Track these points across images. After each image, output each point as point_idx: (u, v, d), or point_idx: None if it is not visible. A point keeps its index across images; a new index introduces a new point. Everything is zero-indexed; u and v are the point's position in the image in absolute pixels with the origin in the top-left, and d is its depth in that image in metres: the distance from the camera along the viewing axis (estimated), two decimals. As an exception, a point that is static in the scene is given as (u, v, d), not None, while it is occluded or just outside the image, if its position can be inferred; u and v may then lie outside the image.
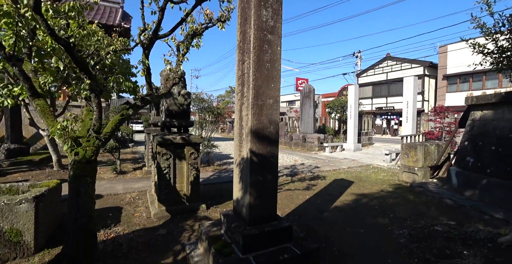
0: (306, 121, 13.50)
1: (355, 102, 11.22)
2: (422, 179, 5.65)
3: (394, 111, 24.17)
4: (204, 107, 7.21)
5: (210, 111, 7.19)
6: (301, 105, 13.97)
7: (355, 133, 11.25)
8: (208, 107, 7.18)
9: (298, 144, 12.91)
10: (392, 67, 24.27)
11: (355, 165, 8.01)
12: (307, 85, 13.56)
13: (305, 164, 8.15)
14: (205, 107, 7.20)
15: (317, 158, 9.46)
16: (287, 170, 7.06)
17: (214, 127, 7.84)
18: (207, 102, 7.13)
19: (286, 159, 9.36)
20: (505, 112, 4.18)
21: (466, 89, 18.76)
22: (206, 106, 7.20)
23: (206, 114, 7.24)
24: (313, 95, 13.16)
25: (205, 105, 7.14)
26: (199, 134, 7.30)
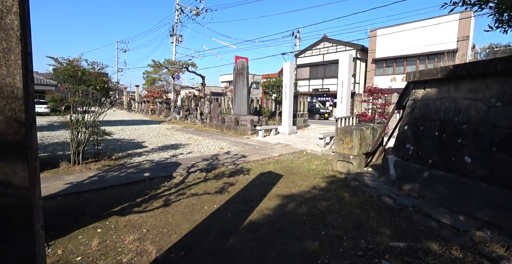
0: (240, 102, 12.13)
1: (290, 81, 10.25)
2: (357, 168, 4.89)
3: (329, 93, 24.80)
4: (82, 80, 5.03)
5: (91, 85, 5.06)
6: (234, 84, 12.47)
7: (290, 114, 10.40)
8: (84, 79, 5.03)
9: (230, 127, 11.54)
10: (328, 49, 24.47)
11: (287, 152, 7.04)
12: (240, 61, 12.03)
13: (230, 153, 6.82)
14: (82, 79, 5.03)
15: (248, 144, 8.25)
16: (204, 163, 5.60)
17: (105, 108, 5.75)
18: (84, 71, 4.96)
19: (211, 146, 7.88)
20: (450, 90, 3.43)
21: (391, 73, 20.01)
22: (83, 79, 5.03)
23: (87, 89, 5.09)
24: (246, 72, 11.73)
25: (81, 76, 4.97)
26: (75, 118, 5.16)
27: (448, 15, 16.48)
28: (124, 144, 8.06)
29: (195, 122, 16.61)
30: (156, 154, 6.58)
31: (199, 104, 18.16)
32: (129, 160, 5.85)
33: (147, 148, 7.35)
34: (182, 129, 12.79)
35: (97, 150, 5.74)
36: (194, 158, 6.12)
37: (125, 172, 4.74)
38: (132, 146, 7.72)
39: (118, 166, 5.30)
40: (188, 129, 12.63)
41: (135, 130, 11.86)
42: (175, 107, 21.19)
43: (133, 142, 8.41)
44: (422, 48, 17.89)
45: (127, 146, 7.62)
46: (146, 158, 6.08)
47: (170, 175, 4.65)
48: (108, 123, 15.05)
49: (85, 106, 5.38)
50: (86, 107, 5.42)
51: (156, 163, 5.52)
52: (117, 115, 24.85)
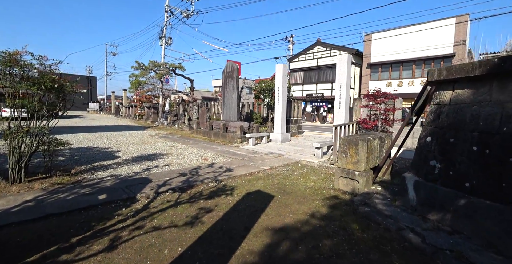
0: (229, 107, 11.24)
1: (283, 85, 9.44)
2: (364, 187, 4.02)
3: (324, 98, 24.18)
4: (23, 77, 4.07)
5: (36, 84, 4.10)
6: (223, 88, 11.59)
7: (283, 120, 9.55)
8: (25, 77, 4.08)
9: (219, 134, 10.61)
10: (322, 53, 23.96)
11: (280, 164, 6.15)
12: (230, 63, 11.19)
13: (214, 165, 5.88)
14: (24, 77, 4.07)
15: (236, 154, 7.33)
16: (181, 179, 4.64)
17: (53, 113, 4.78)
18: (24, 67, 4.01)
19: (194, 156, 6.92)
20: (493, 91, 2.62)
21: (387, 78, 19.51)
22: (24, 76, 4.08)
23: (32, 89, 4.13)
24: (236, 75, 10.89)
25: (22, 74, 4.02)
26: (15, 125, 4.18)
27: (444, 19, 16.12)
28: (94, 153, 7.04)
29: (182, 128, 15.62)
30: (126, 166, 5.59)
31: (188, 109, 17.20)
32: (90, 175, 4.85)
33: (119, 159, 6.35)
34: (166, 136, 11.79)
35: (48, 163, 4.71)
36: (170, 172, 5.16)
37: (76, 194, 3.75)
38: (102, 156, 6.70)
39: (72, 183, 4.31)
40: (173, 136, 11.64)
41: (113, 137, 10.80)
42: (163, 112, 20.15)
43: (106, 152, 7.39)
44: (418, 52, 17.46)
45: (96, 157, 6.59)
46: (113, 172, 5.09)
47: (132, 197, 3.69)
48: (87, 129, 13.95)
49: (35, 111, 4.39)
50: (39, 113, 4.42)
51: (121, 180, 4.54)
52: (102, 120, 23.62)
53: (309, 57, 25.03)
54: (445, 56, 16.29)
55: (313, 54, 24.71)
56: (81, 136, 10.81)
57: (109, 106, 39.07)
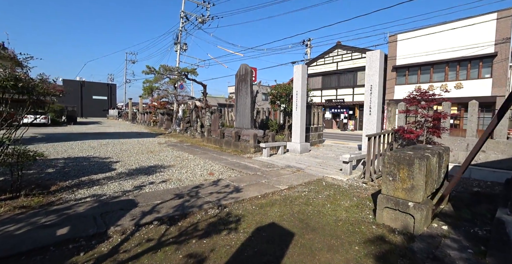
0: (242, 113, 10.30)
1: (302, 88, 8.37)
2: (423, 224, 2.84)
3: (344, 104, 22.77)
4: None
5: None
6: (237, 93, 10.70)
7: (302, 128, 8.44)
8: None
9: (230, 142, 9.66)
10: (342, 56, 22.70)
11: (300, 181, 5.04)
12: (244, 66, 10.31)
13: (221, 182, 4.87)
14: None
15: (247, 167, 6.30)
16: (175, 203, 3.67)
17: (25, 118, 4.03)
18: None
19: (199, 170, 5.96)
20: None
21: (415, 82, 17.88)
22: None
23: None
24: (250, 78, 9.97)
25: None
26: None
27: (483, 15, 14.46)
28: (89, 165, 6.28)
29: (194, 135, 14.89)
30: (117, 183, 4.72)
31: (200, 115, 16.50)
32: (68, 195, 4.00)
33: (112, 172, 5.52)
34: (175, 144, 11.01)
35: (17, 180, 3.91)
36: (164, 192, 4.21)
37: (33, 224, 2.87)
38: (96, 168, 5.91)
39: (40, 207, 3.45)
40: (183, 145, 10.83)
41: (119, 145, 10.15)
42: (176, 118, 19.65)
43: (103, 162, 6.62)
44: (452, 53, 15.79)
45: (89, 169, 5.81)
46: (97, 191, 4.21)
47: (102, 233, 2.75)
48: (97, 136, 13.52)
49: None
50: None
51: (101, 203, 3.64)
52: (117, 126, 23.57)
53: (328, 61, 23.82)
54: (485, 56, 14.54)
55: (333, 58, 23.48)
56: (86, 144, 10.26)
57: (126, 113, 39.63)
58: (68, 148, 8.97)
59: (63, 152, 8.12)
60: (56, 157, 7.20)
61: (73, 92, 45.42)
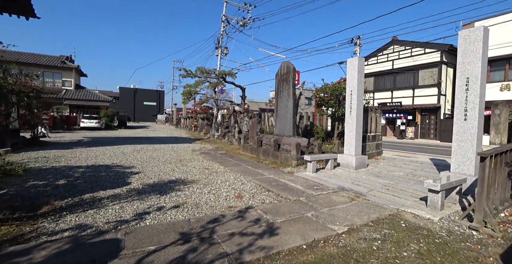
0: (283, 118, 8.89)
1: (358, 87, 6.65)
2: None
3: (402, 108, 19.75)
4: None
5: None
6: (277, 95, 9.36)
7: (358, 137, 6.68)
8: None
9: (269, 152, 8.30)
10: (399, 53, 19.81)
11: (365, 220, 3.41)
12: (285, 64, 8.94)
13: (249, 213, 3.52)
14: None
15: (288, 188, 4.85)
16: (176, 251, 2.43)
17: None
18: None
19: (225, 189, 4.71)
20: None
21: (501, 80, 14.38)
22: None
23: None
24: (293, 77, 8.55)
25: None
26: None
27: None
28: (107, 176, 5.52)
29: (232, 142, 13.92)
30: (118, 206, 3.71)
31: (238, 120, 15.56)
32: (50, 223, 3.07)
33: (123, 188, 4.59)
34: (209, 152, 10.07)
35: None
36: (168, 227, 3.02)
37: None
38: (110, 181, 5.08)
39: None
40: (217, 153, 9.84)
41: (151, 151, 9.57)
42: (215, 124, 19.12)
43: (122, 173, 5.83)
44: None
45: (102, 181, 5.01)
46: (87, 219, 3.22)
47: None
48: (135, 141, 13.36)
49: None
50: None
51: (76, 243, 2.58)
52: (160, 131, 24.12)
53: (382, 59, 21.07)
54: None
55: (387, 56, 20.69)
56: (120, 149, 9.93)
57: (172, 118, 41.34)
58: (100, 154, 8.61)
59: (92, 158, 7.70)
60: (81, 164, 6.70)
61: (127, 99, 49.36)
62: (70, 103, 25.47)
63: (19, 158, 7.57)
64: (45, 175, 5.49)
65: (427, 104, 18.06)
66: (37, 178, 5.23)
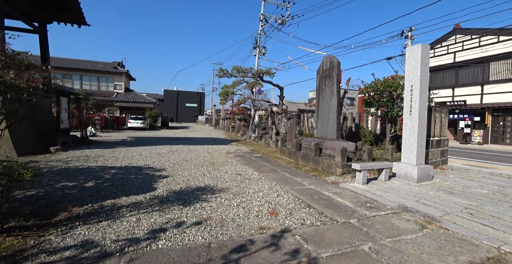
0: (325, 119, 7.92)
1: (421, 80, 5.43)
2: None
3: (466, 108, 16.99)
4: None
5: None
6: (318, 93, 8.42)
7: (420, 142, 5.44)
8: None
9: (308, 157, 7.40)
10: (463, 44, 17.09)
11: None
12: (328, 58, 7.96)
13: (285, 240, 2.76)
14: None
15: (333, 203, 3.96)
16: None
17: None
18: None
19: (257, 201, 4.02)
20: None
21: None
22: None
23: None
24: (337, 73, 7.54)
25: None
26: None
27: None
28: (136, 179, 5.26)
29: (269, 144, 13.24)
30: (135, 218, 3.26)
31: (276, 122, 14.82)
32: (57, 237, 2.71)
33: (147, 195, 4.20)
34: (244, 154, 9.53)
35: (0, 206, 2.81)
36: (182, 252, 2.42)
37: None
38: (137, 185, 4.77)
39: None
40: (252, 156, 9.24)
41: (186, 153, 9.36)
42: (252, 125, 18.68)
43: (151, 176, 5.52)
44: None
45: (128, 185, 4.71)
46: (96, 234, 2.80)
47: None
48: (173, 141, 13.46)
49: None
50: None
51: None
52: (199, 132, 24.55)
53: (441, 52, 18.44)
54: None
55: (447, 48, 18.03)
56: (157, 150, 9.93)
57: (211, 119, 42.35)
58: (136, 154, 8.63)
59: (127, 159, 7.68)
60: (115, 165, 6.64)
61: (171, 100, 52.13)
62: (120, 105, 27.48)
63: (65, 156, 7.89)
64: (78, 175, 5.43)
65: (501, 103, 15.15)
66: (70, 178, 5.17)
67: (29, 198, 3.94)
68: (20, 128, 8.33)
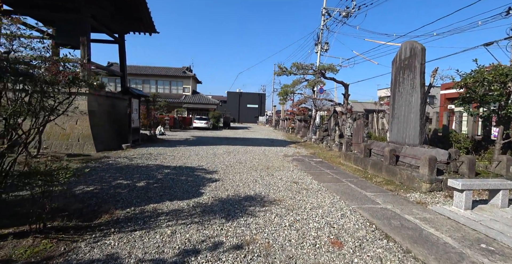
0: (403, 119, 6.46)
1: None
2: None
3: None
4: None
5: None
6: (393, 88, 6.97)
7: None
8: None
9: (381, 166, 6.09)
10: None
11: None
12: (408, 44, 6.46)
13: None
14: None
15: (423, 237, 2.84)
16: None
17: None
18: None
19: (314, 221, 3.19)
20: None
21: None
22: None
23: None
24: (420, 62, 6.02)
25: None
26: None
27: None
28: (186, 180, 5.05)
29: (331, 147, 12.00)
30: (170, 230, 2.86)
31: (340, 122, 13.38)
32: (88, 245, 2.47)
33: (191, 202, 3.83)
34: (303, 158, 8.67)
35: (45, 205, 2.70)
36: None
37: None
38: (184, 189, 4.50)
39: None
40: (312, 160, 8.31)
41: (241, 154, 9.04)
42: (313, 126, 17.53)
43: (201, 179, 5.24)
44: None
45: (176, 188, 4.48)
46: (122, 249, 2.46)
47: None
48: (231, 141, 13.42)
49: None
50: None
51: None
52: (258, 132, 24.49)
53: None
54: None
55: None
56: (215, 150, 9.92)
57: (271, 120, 42.26)
58: (193, 154, 8.69)
59: (184, 158, 7.74)
60: (170, 165, 6.67)
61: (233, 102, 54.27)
62: (187, 106, 29.68)
63: (132, 153, 8.44)
64: (135, 173, 5.53)
65: None
66: (126, 176, 5.27)
67: (84, 194, 4.01)
68: (100, 128, 9.35)
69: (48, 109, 2.76)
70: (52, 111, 2.80)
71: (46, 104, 2.75)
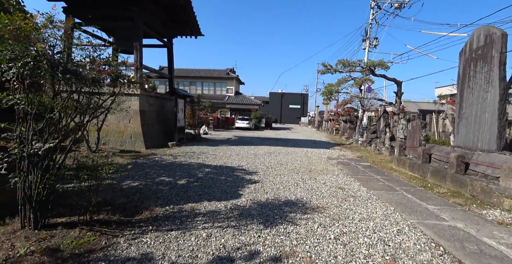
0: (474, 120, 5.47)
1: None
2: None
3: None
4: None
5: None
6: (461, 83, 5.97)
7: None
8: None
9: (445, 174, 5.22)
10: None
11: None
12: (482, 30, 5.44)
13: None
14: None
15: (513, 268, 2.23)
16: None
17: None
18: None
19: (364, 237, 2.77)
20: None
21: None
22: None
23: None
24: (499, 50, 5.00)
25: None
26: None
27: None
28: (225, 181, 4.99)
29: (380, 150, 10.98)
30: (204, 232, 2.74)
31: (391, 124, 12.16)
32: (124, 242, 2.47)
33: (228, 204, 3.70)
34: (349, 162, 8.03)
35: (91, 200, 2.81)
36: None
37: None
38: (223, 189, 4.41)
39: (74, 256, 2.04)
40: (359, 164, 7.64)
41: (282, 155, 8.75)
42: (359, 127, 16.37)
43: (240, 180, 5.12)
44: None
45: (215, 188, 4.43)
46: (155, 250, 2.40)
47: None
48: (272, 142, 13.19)
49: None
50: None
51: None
52: (301, 133, 23.86)
53: None
54: None
55: None
56: (255, 150, 9.81)
57: (314, 120, 40.99)
58: (234, 154, 8.69)
59: (225, 158, 7.76)
60: (211, 164, 6.72)
61: (275, 102, 54.11)
62: (230, 107, 30.43)
63: (176, 151, 8.79)
64: (177, 171, 5.66)
65: None
66: (169, 173, 5.42)
67: (130, 189, 4.18)
68: (149, 126, 9.98)
69: (95, 107, 2.89)
70: (97, 109, 2.94)
71: (92, 102, 2.88)
